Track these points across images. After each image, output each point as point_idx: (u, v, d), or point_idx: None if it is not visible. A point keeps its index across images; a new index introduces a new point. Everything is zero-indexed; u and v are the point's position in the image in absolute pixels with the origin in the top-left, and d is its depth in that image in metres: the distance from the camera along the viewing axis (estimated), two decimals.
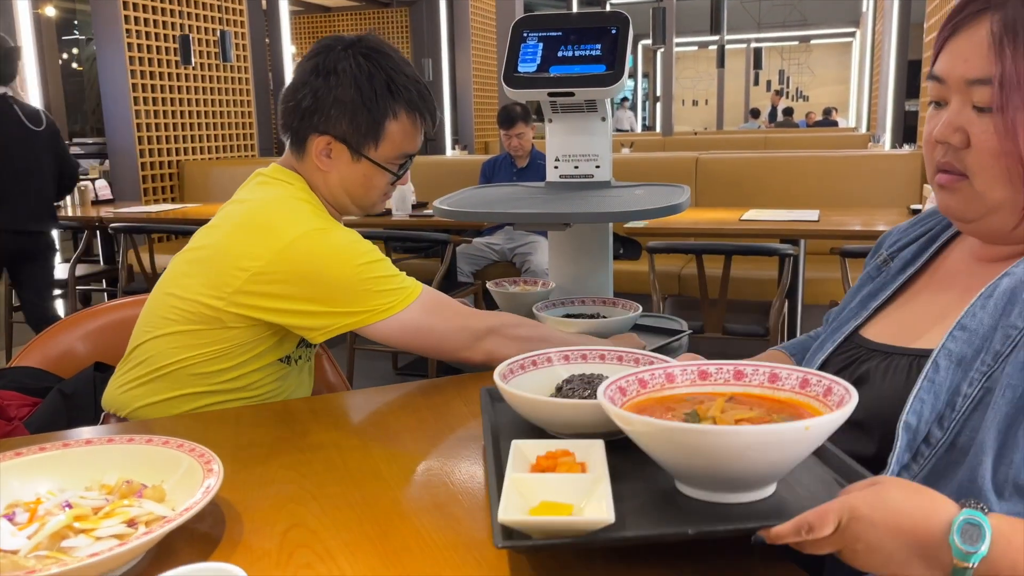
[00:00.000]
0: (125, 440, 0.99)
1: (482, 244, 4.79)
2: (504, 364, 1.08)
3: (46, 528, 0.81)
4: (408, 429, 1.25)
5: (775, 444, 0.74)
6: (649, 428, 0.78)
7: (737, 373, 0.93)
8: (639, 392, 0.91)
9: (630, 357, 1.15)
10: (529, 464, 0.86)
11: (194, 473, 0.92)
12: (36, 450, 0.98)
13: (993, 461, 0.81)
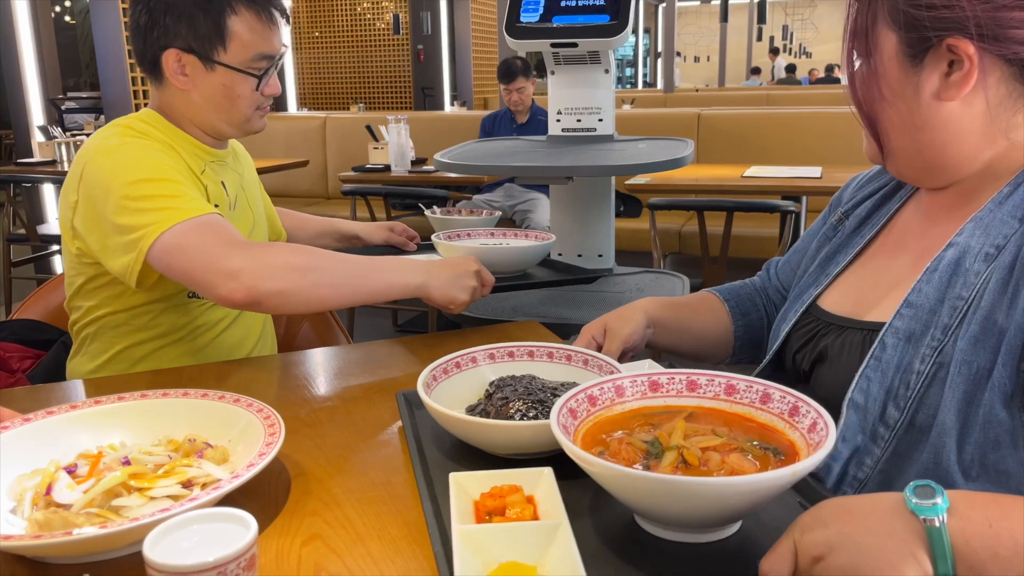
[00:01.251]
0: (198, 395, 0.99)
1: (482, 201, 4.76)
2: (426, 372, 0.99)
3: (100, 485, 0.81)
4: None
5: (759, 492, 0.68)
6: (622, 478, 0.70)
7: (690, 384, 0.86)
8: (589, 411, 0.84)
9: (561, 353, 1.07)
10: (471, 500, 0.78)
11: (254, 433, 0.91)
12: (115, 399, 0.99)
13: (957, 441, 0.78)
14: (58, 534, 0.71)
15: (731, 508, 0.70)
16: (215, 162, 1.48)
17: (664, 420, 0.83)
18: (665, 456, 0.75)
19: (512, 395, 0.95)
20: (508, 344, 1.09)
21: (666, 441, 0.77)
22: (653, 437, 0.79)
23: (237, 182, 1.54)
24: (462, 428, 0.91)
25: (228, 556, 0.62)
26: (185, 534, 0.68)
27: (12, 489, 0.84)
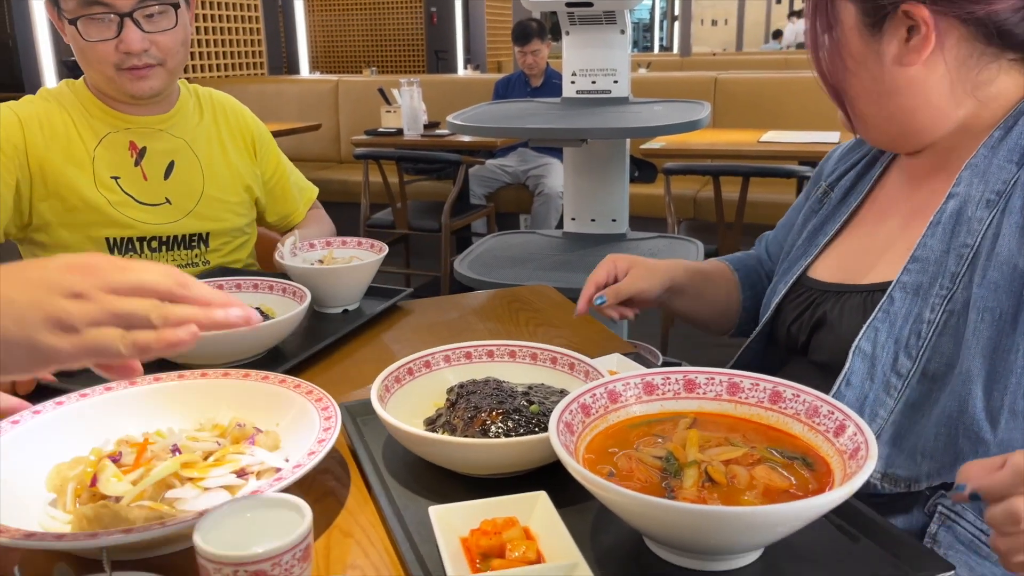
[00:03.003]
0: (241, 376, 0.97)
1: (495, 166, 4.73)
2: (378, 382, 0.90)
3: (151, 476, 0.77)
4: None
5: (792, 520, 0.63)
6: (645, 508, 0.62)
7: (688, 383, 0.82)
8: (584, 423, 0.77)
9: (524, 352, 1.00)
10: (459, 537, 0.70)
11: (307, 417, 0.89)
12: (150, 380, 0.97)
13: (984, 388, 0.79)
14: (115, 532, 0.67)
15: (777, 536, 0.66)
16: (132, 129, 1.46)
17: (668, 429, 0.79)
18: (686, 474, 0.70)
19: (481, 404, 0.86)
20: (465, 344, 1.01)
21: (681, 455, 0.73)
22: (666, 452, 0.73)
23: (179, 148, 1.51)
24: (438, 449, 0.82)
25: (283, 547, 0.62)
26: (236, 521, 0.68)
27: (51, 480, 0.82)
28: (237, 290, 1.29)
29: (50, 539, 0.67)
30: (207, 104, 1.58)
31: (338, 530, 0.79)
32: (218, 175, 1.54)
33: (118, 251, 1.43)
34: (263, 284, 1.31)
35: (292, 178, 1.71)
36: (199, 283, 0.62)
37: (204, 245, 1.51)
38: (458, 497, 0.75)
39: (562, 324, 1.33)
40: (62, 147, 1.39)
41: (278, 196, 1.69)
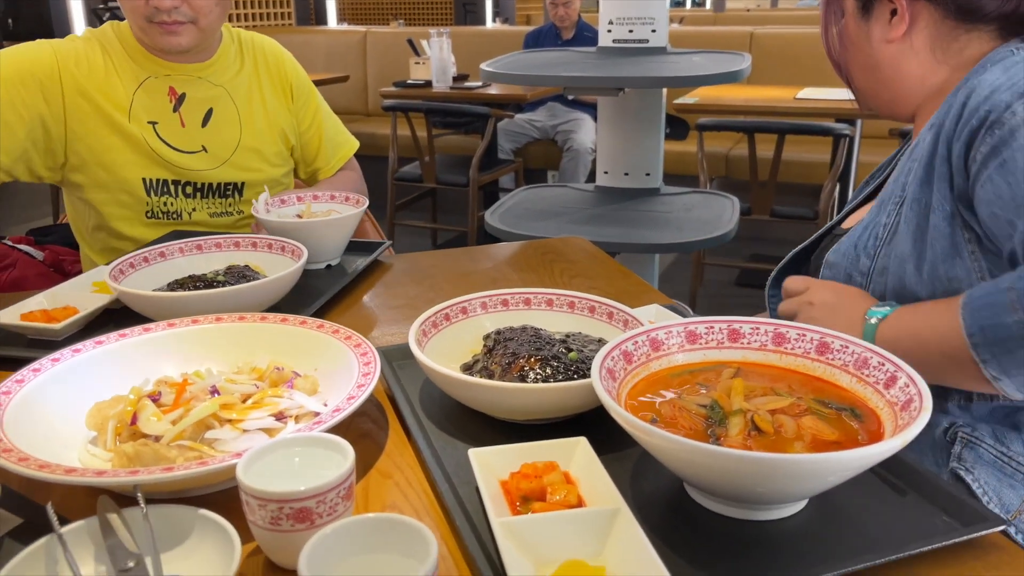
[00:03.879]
0: (278, 320, 0.97)
1: (523, 120, 4.67)
2: (415, 327, 0.90)
3: (190, 416, 0.77)
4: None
5: (844, 469, 0.62)
6: (694, 454, 0.61)
7: (732, 333, 0.81)
8: (627, 371, 0.76)
9: (562, 300, 0.99)
10: (498, 480, 0.70)
11: (345, 361, 0.88)
12: (188, 322, 0.97)
13: (915, 263, 0.91)
14: (157, 470, 0.68)
15: (827, 485, 0.65)
16: (172, 75, 1.44)
17: (711, 378, 0.78)
18: (731, 423, 0.69)
19: (519, 351, 0.86)
20: (502, 291, 1.00)
21: (726, 404, 0.72)
22: (711, 400, 0.72)
23: (219, 96, 1.49)
24: (478, 394, 0.81)
25: (328, 484, 0.62)
26: (277, 459, 0.67)
27: (91, 418, 0.82)
28: (235, 248, 1.26)
29: (90, 475, 0.67)
30: (248, 51, 1.55)
31: (377, 472, 0.79)
32: (255, 125, 1.53)
33: (154, 193, 1.42)
34: (262, 242, 1.26)
35: (328, 133, 1.66)
36: None
37: (238, 194, 1.50)
38: (494, 442, 0.75)
39: (596, 275, 1.31)
40: (100, 85, 1.39)
41: (309, 149, 1.65)
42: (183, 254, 1.23)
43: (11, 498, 0.72)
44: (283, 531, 0.62)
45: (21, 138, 1.33)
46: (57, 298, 1.11)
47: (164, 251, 1.22)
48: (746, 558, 0.64)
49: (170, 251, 1.22)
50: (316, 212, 1.39)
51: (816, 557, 0.64)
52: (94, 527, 0.65)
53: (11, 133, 1.31)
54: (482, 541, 0.66)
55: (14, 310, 1.07)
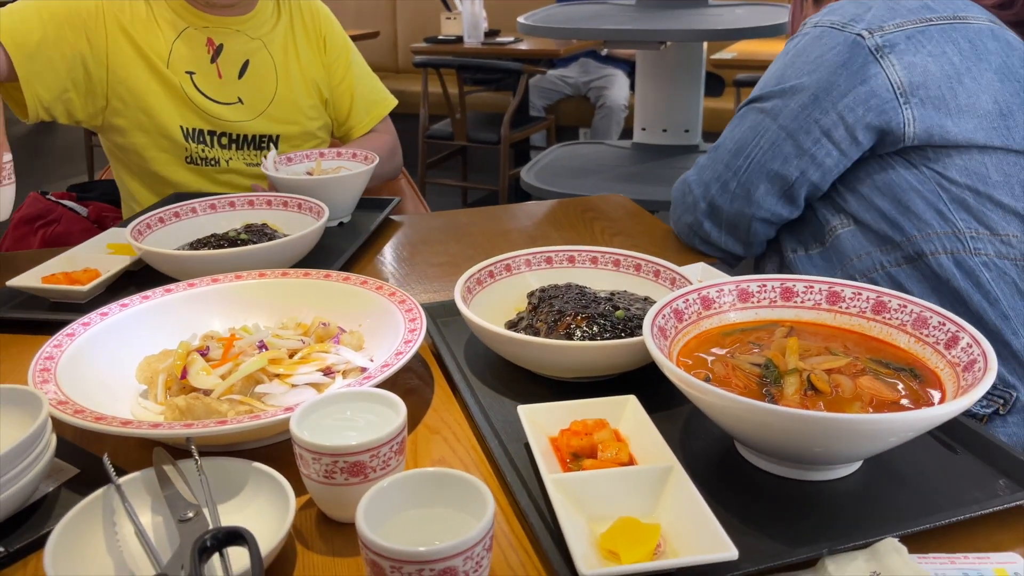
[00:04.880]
0: (322, 276, 0.97)
1: (555, 77, 4.60)
2: (460, 283, 0.89)
3: (240, 371, 0.77)
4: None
5: (907, 430, 0.60)
6: (752, 413, 0.59)
7: (785, 292, 0.79)
8: (677, 329, 0.75)
9: (607, 259, 0.97)
10: (548, 437, 0.70)
11: (390, 317, 0.88)
12: (232, 278, 0.97)
13: None
14: (210, 423, 0.68)
15: (887, 446, 0.63)
16: (210, 27, 1.44)
17: (764, 337, 0.76)
18: (787, 382, 0.68)
19: (565, 308, 0.85)
20: (546, 249, 0.99)
21: (781, 363, 0.70)
22: (765, 359, 0.71)
23: (256, 49, 1.48)
24: (529, 351, 0.80)
25: (382, 438, 0.62)
26: (328, 412, 0.68)
27: (141, 371, 0.83)
28: (250, 207, 1.25)
29: (146, 427, 0.68)
30: (285, 4, 1.54)
31: (425, 427, 0.79)
32: (291, 78, 1.52)
33: (191, 141, 1.43)
34: (277, 200, 1.25)
35: (362, 90, 1.63)
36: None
37: (274, 146, 1.50)
38: (539, 399, 0.75)
39: (638, 233, 1.30)
40: (142, 31, 1.39)
41: (342, 105, 1.62)
42: (196, 214, 1.22)
43: (66, 449, 0.73)
44: (337, 484, 0.62)
45: (62, 76, 1.33)
46: (75, 260, 1.10)
47: (179, 211, 1.21)
48: (801, 518, 0.63)
49: (184, 211, 1.21)
50: (326, 169, 1.37)
51: (873, 519, 0.63)
52: (149, 478, 0.65)
53: (53, 69, 1.31)
54: (533, 497, 0.66)
55: (34, 273, 1.06)
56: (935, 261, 1.00)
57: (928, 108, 0.99)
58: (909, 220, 1.01)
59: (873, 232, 1.05)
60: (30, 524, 0.65)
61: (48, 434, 0.67)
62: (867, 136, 1.02)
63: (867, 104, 1.00)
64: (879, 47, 1.00)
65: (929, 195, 1.00)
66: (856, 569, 0.57)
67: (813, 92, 1.04)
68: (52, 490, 0.69)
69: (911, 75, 1.00)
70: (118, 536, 0.62)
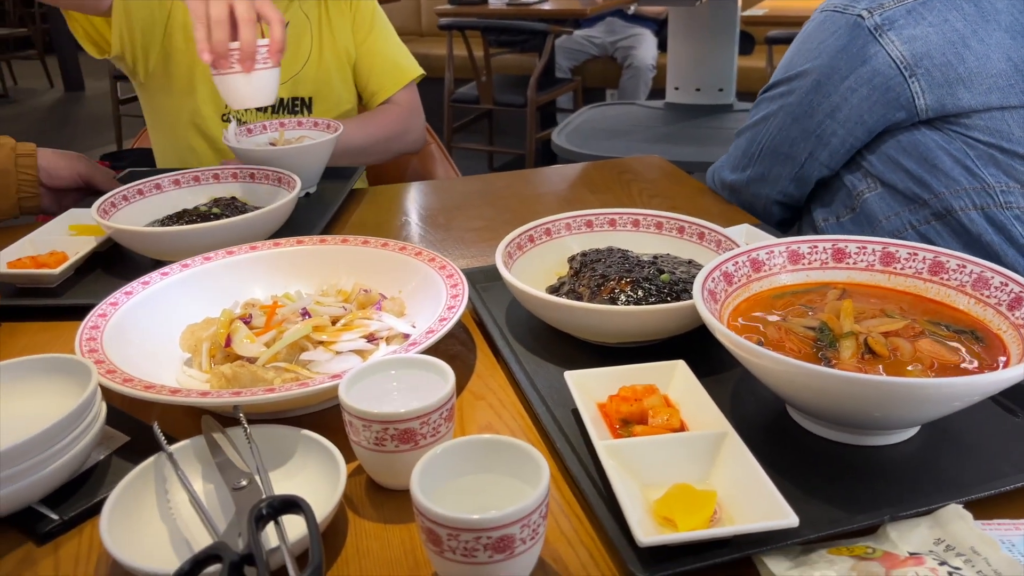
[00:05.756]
0: (360, 242, 0.96)
1: (582, 37, 4.53)
2: (502, 248, 0.88)
3: (285, 338, 0.77)
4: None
5: (971, 395, 0.58)
6: (811, 377, 0.58)
7: (837, 253, 0.77)
8: (727, 292, 0.73)
9: (649, 221, 0.95)
10: (596, 403, 0.69)
11: (431, 283, 0.87)
12: (270, 245, 0.97)
13: None
14: (259, 391, 0.68)
15: (949, 411, 0.61)
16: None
17: (816, 300, 0.74)
18: (843, 345, 0.66)
19: (608, 273, 0.83)
20: (586, 212, 0.97)
21: (836, 326, 0.68)
22: (819, 323, 0.69)
23: (290, 9, 1.46)
24: (575, 317, 0.78)
25: (431, 405, 0.62)
26: (376, 379, 0.67)
27: (184, 340, 0.83)
28: (215, 180, 1.22)
29: (195, 396, 0.68)
30: None
31: (470, 393, 0.78)
32: (323, 41, 1.50)
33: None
34: (243, 172, 1.21)
35: (387, 52, 1.59)
36: None
37: (307, 111, 1.49)
38: (583, 365, 0.74)
39: (676, 195, 1.27)
40: None
41: (363, 67, 1.58)
42: (161, 190, 1.19)
43: (115, 416, 0.73)
44: (387, 451, 0.62)
45: (144, 15, 1.35)
46: (38, 244, 1.07)
47: (143, 188, 1.17)
48: (858, 484, 0.62)
49: (148, 188, 1.17)
50: (289, 139, 1.34)
51: (932, 485, 0.61)
52: (199, 445, 0.65)
53: (144, 6, 1.34)
54: (583, 463, 0.65)
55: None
56: (965, 217, 1.00)
57: (936, 77, 0.99)
58: (936, 178, 1.01)
59: (900, 193, 1.05)
60: (83, 492, 0.65)
61: (98, 403, 0.67)
62: (873, 114, 1.03)
63: (871, 84, 1.02)
64: (878, 26, 1.01)
65: (956, 153, 1.00)
66: (919, 536, 0.55)
67: (816, 77, 1.07)
68: (103, 458, 0.69)
69: (912, 48, 1.00)
70: (170, 503, 0.62)
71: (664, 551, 0.55)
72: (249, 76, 1.04)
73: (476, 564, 0.51)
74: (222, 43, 1.01)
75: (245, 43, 1.02)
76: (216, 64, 1.03)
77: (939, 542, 0.55)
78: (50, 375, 0.70)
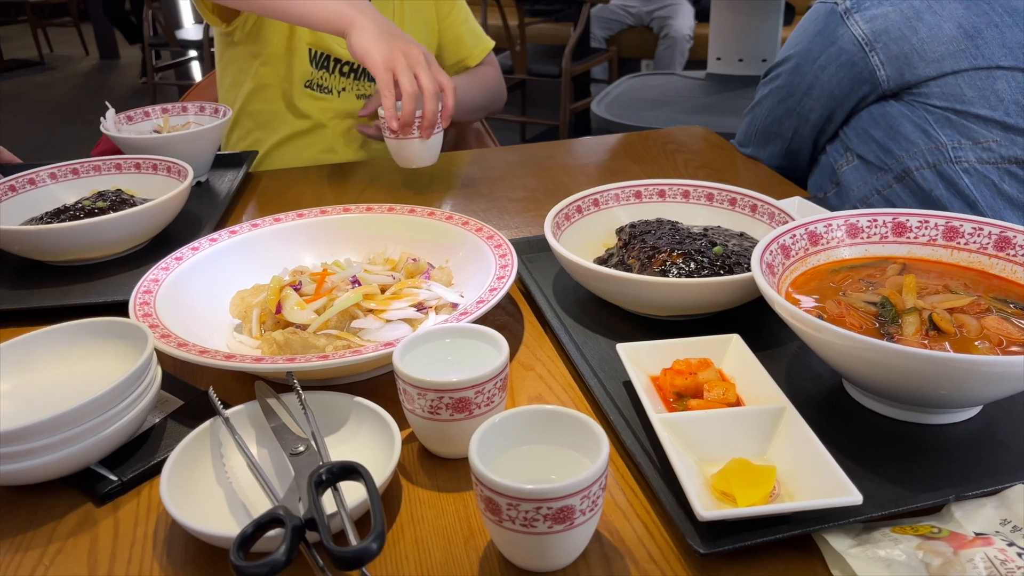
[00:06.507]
0: (407, 211, 0.96)
1: (617, 7, 4.46)
2: (550, 219, 0.87)
3: (336, 305, 0.77)
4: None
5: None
6: (877, 353, 0.56)
7: (897, 227, 0.75)
8: (784, 265, 0.72)
9: (700, 192, 0.94)
10: (648, 376, 0.68)
11: (479, 253, 0.87)
12: (317, 213, 0.97)
13: None
14: (313, 358, 0.68)
15: (1019, 390, 0.58)
16: None
17: (876, 275, 0.73)
18: (906, 321, 0.64)
19: (659, 244, 0.82)
20: (635, 183, 0.96)
21: (899, 302, 0.66)
22: (881, 298, 0.67)
23: None
24: (630, 289, 0.76)
25: (486, 375, 0.61)
26: (428, 348, 0.67)
27: (234, 306, 0.84)
28: (96, 172, 1.13)
29: (249, 361, 0.68)
30: None
31: (519, 364, 0.78)
32: (405, 9, 1.49)
33: (315, 65, 1.40)
34: (128, 163, 1.13)
35: (470, 21, 1.59)
36: None
37: None
38: (632, 337, 0.73)
39: (723, 167, 1.25)
40: None
41: (451, 36, 1.57)
42: (35, 185, 1.09)
43: (166, 380, 0.74)
44: (441, 420, 0.62)
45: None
46: None
47: (14, 184, 1.08)
48: (919, 462, 0.61)
49: (20, 183, 1.08)
50: (175, 125, 1.28)
51: (997, 464, 0.60)
52: (253, 411, 0.66)
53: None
54: (637, 436, 0.64)
55: None
56: (920, 176, 1.10)
57: (892, 50, 1.10)
58: (898, 143, 1.11)
59: (870, 163, 1.15)
60: (140, 454, 0.66)
61: (154, 366, 0.67)
62: (842, 88, 1.15)
63: (838, 61, 1.14)
64: (847, 10, 1.13)
65: (917, 119, 1.10)
66: (985, 516, 0.54)
67: (796, 61, 1.20)
68: (158, 422, 0.70)
69: (873, 26, 1.11)
70: (226, 467, 0.63)
71: (722, 526, 0.55)
72: (425, 141, 1.12)
73: (535, 534, 0.51)
74: (411, 114, 1.08)
75: (430, 114, 1.09)
76: (401, 130, 1.11)
77: (1005, 523, 0.54)
78: (106, 338, 0.71)
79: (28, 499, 0.63)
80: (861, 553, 0.52)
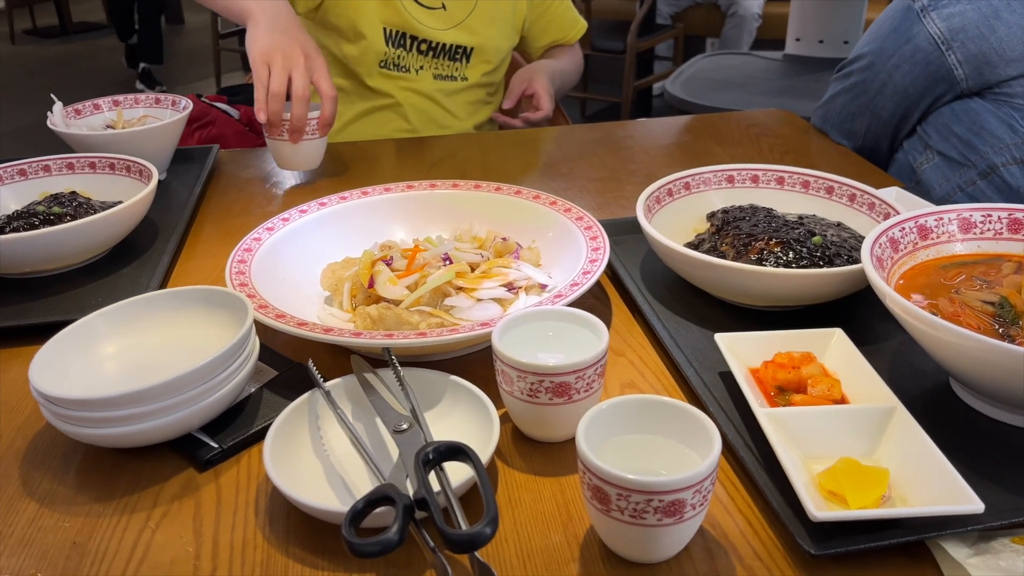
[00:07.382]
0: (492, 189, 0.96)
1: None
2: (641, 202, 0.85)
3: (429, 282, 0.77)
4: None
5: None
6: (999, 355, 0.54)
7: (1013, 223, 0.72)
8: (892, 259, 0.70)
9: (795, 179, 0.91)
10: (748, 368, 0.67)
11: (569, 235, 0.86)
12: (403, 188, 0.98)
13: None
14: (410, 334, 0.68)
15: None
16: None
17: (990, 272, 0.70)
18: None
19: (755, 232, 0.80)
20: (727, 167, 0.94)
21: (1019, 302, 0.64)
22: (999, 297, 0.65)
23: None
24: (721, 276, 0.75)
25: (588, 360, 0.61)
26: (525, 330, 0.67)
27: (325, 279, 0.84)
28: (46, 173, 1.04)
29: (347, 335, 0.69)
30: None
31: (610, 349, 0.76)
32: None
33: (391, 44, 1.40)
34: (81, 163, 1.04)
35: (565, 3, 1.59)
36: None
37: (466, 60, 1.46)
38: (723, 326, 0.71)
39: (811, 152, 1.22)
40: None
41: (544, 20, 1.57)
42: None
43: (262, 351, 0.75)
44: (539, 403, 0.61)
45: None
46: None
47: None
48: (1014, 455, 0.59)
49: None
50: (130, 120, 1.19)
51: None
52: (350, 384, 0.66)
53: None
54: (737, 430, 0.63)
55: None
56: (1007, 172, 1.07)
57: (970, 49, 1.08)
58: (982, 139, 1.09)
59: (953, 160, 1.13)
60: (238, 423, 0.67)
61: (253, 336, 0.68)
62: (917, 87, 1.13)
63: (913, 59, 1.12)
64: (924, 7, 1.11)
65: (1003, 115, 1.08)
66: None
67: (870, 59, 1.19)
68: (254, 391, 0.70)
69: (950, 24, 1.09)
70: (323, 439, 0.63)
71: (831, 527, 0.53)
72: (295, 146, 1.12)
73: (644, 526, 0.50)
74: (276, 114, 1.10)
75: (296, 119, 1.10)
76: (268, 129, 1.12)
77: None
78: (205, 306, 0.72)
79: (133, 462, 0.64)
80: (982, 563, 0.50)
